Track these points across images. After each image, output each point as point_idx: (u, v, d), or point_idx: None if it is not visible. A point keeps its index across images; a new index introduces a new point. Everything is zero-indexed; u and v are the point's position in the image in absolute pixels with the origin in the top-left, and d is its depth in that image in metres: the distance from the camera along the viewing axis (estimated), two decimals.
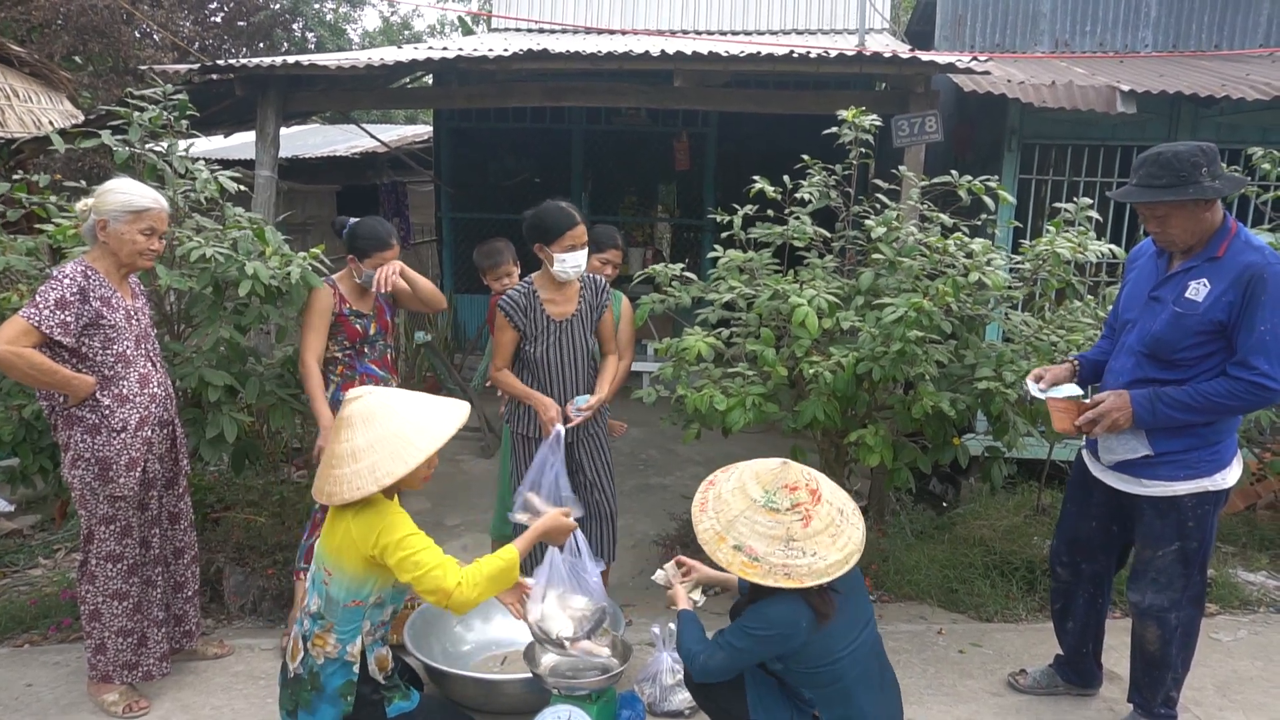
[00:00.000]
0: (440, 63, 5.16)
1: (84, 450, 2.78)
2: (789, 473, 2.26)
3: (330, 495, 2.33)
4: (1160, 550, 2.67)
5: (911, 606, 3.83)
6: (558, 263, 3.22)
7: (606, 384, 3.45)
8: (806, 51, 4.80)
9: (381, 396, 2.40)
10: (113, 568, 2.90)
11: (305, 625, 2.45)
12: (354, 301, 3.45)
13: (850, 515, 2.30)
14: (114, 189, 2.80)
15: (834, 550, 2.21)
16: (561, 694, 2.68)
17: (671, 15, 8.42)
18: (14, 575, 4.14)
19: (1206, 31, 7.15)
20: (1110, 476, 2.72)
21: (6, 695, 3.07)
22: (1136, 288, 2.70)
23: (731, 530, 2.24)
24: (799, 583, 2.16)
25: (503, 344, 3.36)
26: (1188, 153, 2.41)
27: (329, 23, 18.97)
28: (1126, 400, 2.52)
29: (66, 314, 2.68)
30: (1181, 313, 2.49)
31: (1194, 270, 2.52)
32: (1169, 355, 2.52)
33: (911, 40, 8.69)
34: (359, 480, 2.29)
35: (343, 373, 3.45)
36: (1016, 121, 5.59)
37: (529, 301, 3.32)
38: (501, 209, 8.45)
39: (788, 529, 2.20)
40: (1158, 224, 2.52)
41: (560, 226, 3.19)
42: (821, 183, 3.82)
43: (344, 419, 2.36)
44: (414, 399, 2.43)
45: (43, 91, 9.00)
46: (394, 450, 2.30)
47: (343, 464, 2.32)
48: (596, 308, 3.42)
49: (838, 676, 2.31)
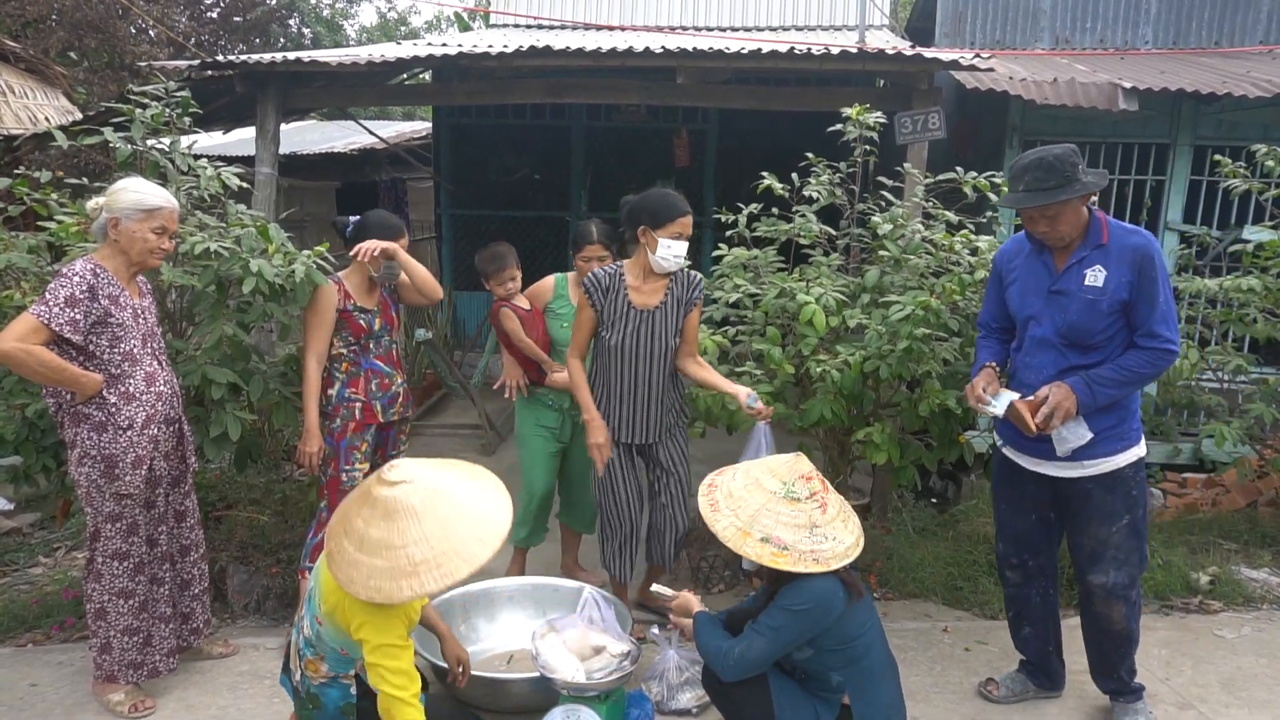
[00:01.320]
0: (441, 59, 5.13)
1: (90, 448, 2.77)
2: (802, 464, 2.40)
3: (350, 582, 2.04)
4: (1114, 526, 2.76)
5: (916, 604, 3.83)
6: (661, 248, 3.08)
7: (725, 383, 3.23)
8: (809, 48, 4.79)
9: (433, 495, 2.04)
10: (119, 566, 2.88)
11: (299, 640, 2.36)
12: (359, 298, 3.44)
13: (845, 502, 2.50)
14: (126, 188, 2.80)
15: (847, 533, 2.36)
16: (570, 694, 2.68)
17: (671, 11, 8.40)
18: (14, 574, 4.12)
19: (1206, 29, 7.15)
20: (1049, 467, 2.79)
21: (10, 695, 3.05)
22: (1028, 285, 2.81)
23: (755, 524, 2.34)
24: (826, 566, 2.29)
25: (581, 324, 3.24)
26: (1065, 154, 2.60)
27: (325, 18, 18.90)
28: (1069, 389, 2.64)
29: (76, 311, 2.67)
30: (1092, 299, 2.66)
31: (1086, 259, 2.70)
32: (1087, 340, 2.69)
33: (912, 37, 8.68)
34: (392, 589, 2.00)
35: (348, 369, 3.43)
36: (1018, 119, 5.60)
37: (613, 283, 3.19)
38: (501, 205, 8.43)
39: (810, 516, 2.32)
40: (1048, 224, 2.67)
41: (672, 211, 3.08)
42: (827, 180, 3.81)
43: (391, 509, 2.00)
44: (464, 498, 2.09)
45: (38, 87, 8.95)
46: (442, 568, 1.99)
47: (376, 555, 2.01)
48: (685, 302, 3.24)
49: (864, 653, 2.40)
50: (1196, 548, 4.26)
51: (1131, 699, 2.93)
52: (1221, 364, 4.40)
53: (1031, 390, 2.72)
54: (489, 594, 3.44)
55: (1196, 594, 3.88)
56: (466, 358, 7.44)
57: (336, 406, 3.41)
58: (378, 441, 3.54)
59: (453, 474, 2.17)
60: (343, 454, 3.41)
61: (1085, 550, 2.82)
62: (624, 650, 2.81)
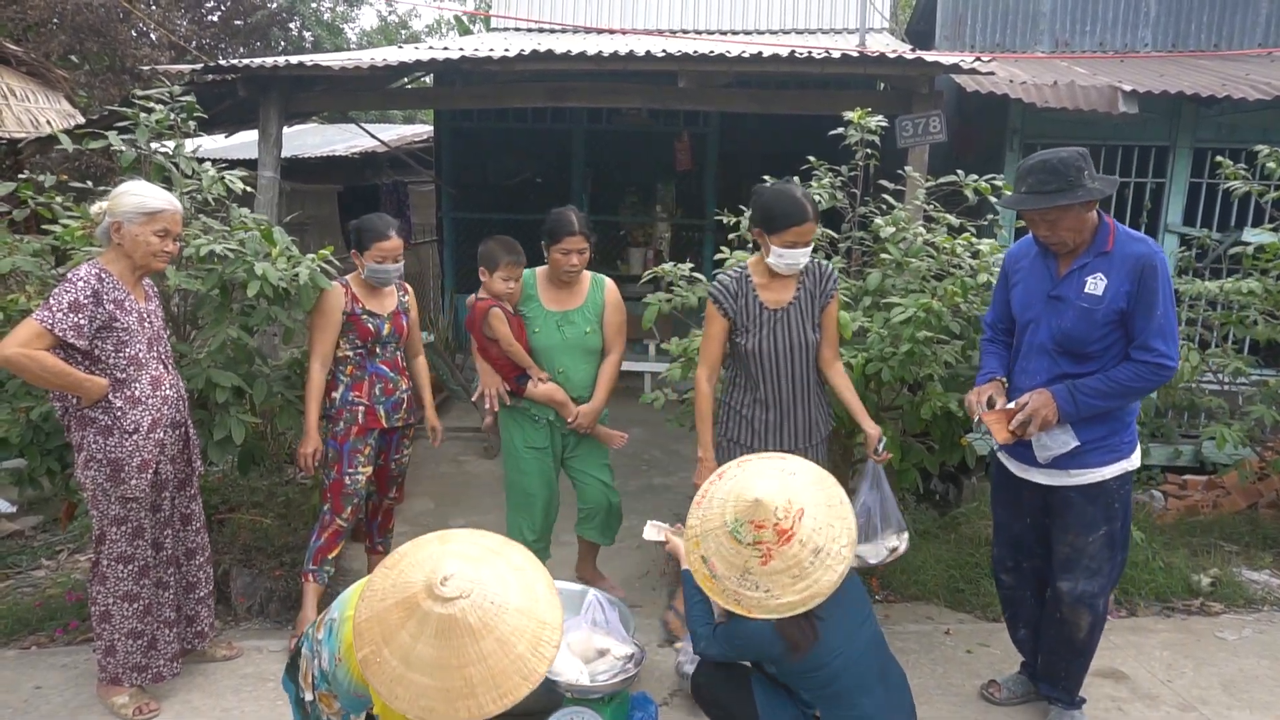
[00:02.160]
0: (443, 63, 5.15)
1: (96, 451, 2.78)
2: (759, 510, 2.18)
3: (394, 699, 1.80)
4: (1091, 536, 2.76)
5: (918, 606, 3.84)
6: (774, 255, 2.93)
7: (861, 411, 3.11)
8: (810, 52, 4.80)
9: (490, 611, 1.79)
10: (124, 569, 2.89)
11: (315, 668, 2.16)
12: (367, 301, 3.45)
13: (829, 556, 2.18)
14: (128, 190, 2.81)
15: (792, 591, 2.17)
16: (574, 696, 2.69)
17: (671, 14, 8.42)
18: (17, 577, 4.13)
19: (1205, 31, 7.17)
20: (1036, 474, 2.79)
21: (15, 698, 3.06)
22: (1030, 289, 2.78)
23: (705, 540, 2.30)
24: (747, 612, 2.21)
25: (712, 337, 3.05)
26: (1071, 158, 2.54)
27: (326, 22, 18.92)
28: (1049, 397, 2.61)
29: (79, 316, 2.67)
30: (1088, 308, 2.61)
31: (1088, 266, 2.64)
32: (1081, 349, 2.64)
33: (911, 40, 8.70)
34: (446, 711, 1.77)
35: (352, 372, 3.45)
36: (1018, 121, 5.61)
37: (740, 287, 3.04)
38: (502, 209, 8.44)
39: (745, 561, 2.20)
40: (1048, 228, 2.63)
41: (790, 217, 2.88)
42: (829, 184, 3.82)
43: (447, 628, 1.76)
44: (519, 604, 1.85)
45: (40, 91, 8.97)
46: (501, 688, 1.78)
47: (428, 674, 1.77)
48: (819, 296, 3.05)
49: (830, 680, 2.32)
50: (1197, 549, 4.27)
51: (1069, 706, 2.94)
52: (1222, 366, 4.41)
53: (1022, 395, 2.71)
54: None
55: (1198, 596, 3.89)
56: (468, 361, 7.45)
57: (340, 409, 3.42)
58: (381, 446, 3.55)
59: (501, 569, 1.91)
60: (346, 457, 3.41)
61: (1060, 556, 2.82)
62: (628, 653, 2.81)
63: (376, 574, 1.94)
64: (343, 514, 3.45)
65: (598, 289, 3.59)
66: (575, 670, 2.72)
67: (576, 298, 3.55)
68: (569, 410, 3.51)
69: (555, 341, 3.51)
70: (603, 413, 3.63)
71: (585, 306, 3.55)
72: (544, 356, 3.51)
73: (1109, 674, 3.28)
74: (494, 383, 3.54)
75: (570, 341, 3.52)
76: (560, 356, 3.52)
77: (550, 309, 3.53)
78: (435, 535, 1.99)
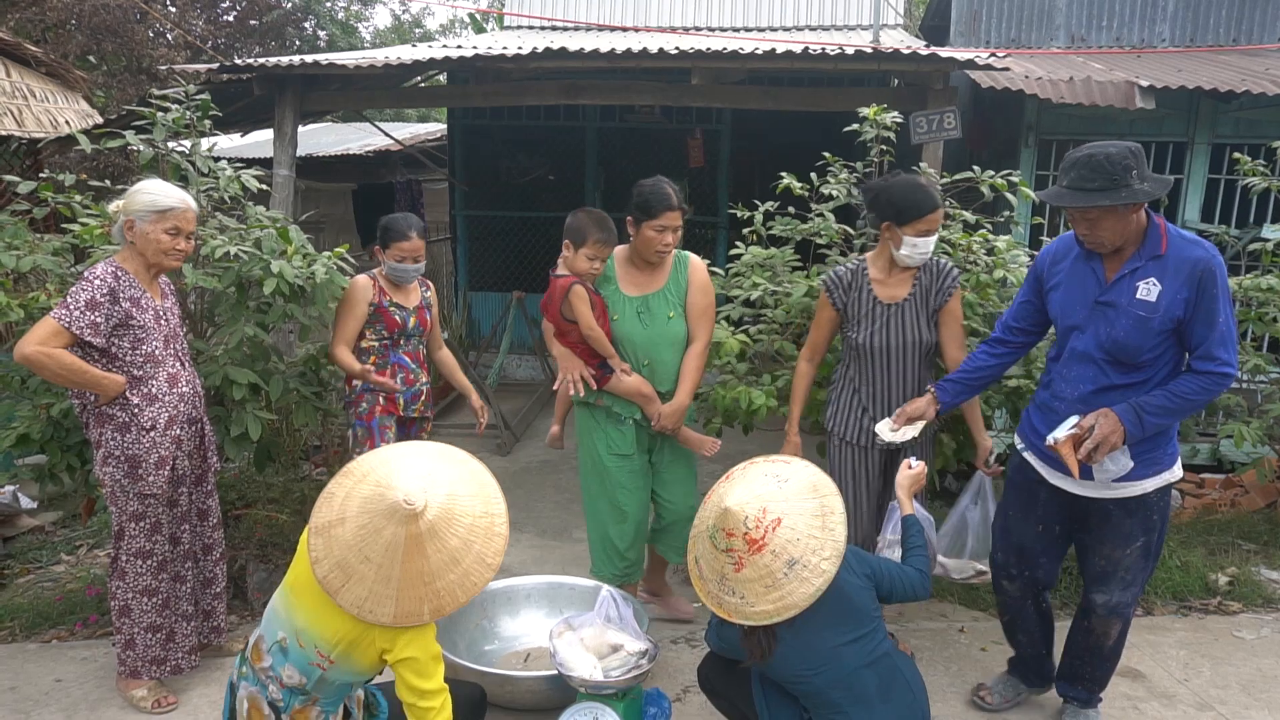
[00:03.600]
0: (457, 61, 5.16)
1: (114, 448, 2.81)
2: (727, 519, 2.17)
3: (414, 616, 2.01)
4: (1129, 549, 2.66)
5: (933, 604, 3.82)
6: (906, 246, 2.86)
7: (979, 421, 3.10)
8: (824, 48, 4.79)
9: (448, 502, 2.05)
10: (142, 564, 2.92)
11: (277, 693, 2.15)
12: (394, 294, 3.54)
13: (805, 568, 2.12)
14: (142, 189, 2.83)
15: (765, 600, 2.15)
16: (587, 692, 2.69)
17: (685, 12, 8.41)
18: (38, 571, 4.17)
19: (1224, 26, 7.10)
20: (1074, 484, 2.63)
21: (35, 690, 3.10)
22: (1073, 293, 2.60)
23: (697, 542, 2.34)
24: (727, 615, 2.22)
25: (818, 324, 3.04)
26: (1119, 155, 2.37)
27: (341, 21, 19.01)
28: (1116, 419, 2.44)
29: (96, 315, 2.70)
30: (1144, 315, 2.44)
31: (1139, 270, 2.48)
32: (1134, 359, 2.49)
33: (925, 36, 8.66)
34: (456, 592, 2.02)
35: (375, 362, 3.51)
36: (1033, 118, 5.58)
37: (855, 279, 2.98)
38: (515, 206, 8.46)
39: (722, 567, 2.21)
40: (1088, 226, 2.47)
41: (922, 206, 2.82)
42: (845, 180, 3.82)
43: (421, 534, 1.98)
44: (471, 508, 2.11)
45: (59, 91, 9.04)
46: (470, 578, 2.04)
47: (437, 578, 2.01)
48: (936, 293, 2.99)
49: (815, 693, 2.29)
50: (1215, 548, 4.24)
51: (1088, 705, 2.90)
52: (1240, 364, 4.36)
53: (1067, 403, 2.58)
54: (508, 592, 3.46)
55: (1215, 595, 3.86)
56: (481, 358, 7.47)
57: (360, 394, 3.51)
58: (400, 438, 3.58)
59: (452, 472, 2.16)
60: (377, 433, 3.52)
61: (1095, 568, 2.73)
62: (641, 648, 2.81)
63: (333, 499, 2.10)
64: None
65: (681, 268, 3.22)
66: (589, 666, 2.72)
67: (658, 280, 3.20)
68: (653, 408, 3.18)
69: (635, 330, 3.17)
70: (689, 412, 3.29)
71: (667, 289, 3.19)
72: (623, 348, 3.18)
73: (1126, 673, 3.26)
74: (577, 365, 3.18)
75: (652, 331, 3.17)
76: (642, 348, 3.18)
77: (629, 294, 3.19)
78: (385, 451, 2.22)
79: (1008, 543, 2.87)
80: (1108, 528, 2.66)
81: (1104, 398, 2.53)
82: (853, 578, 2.30)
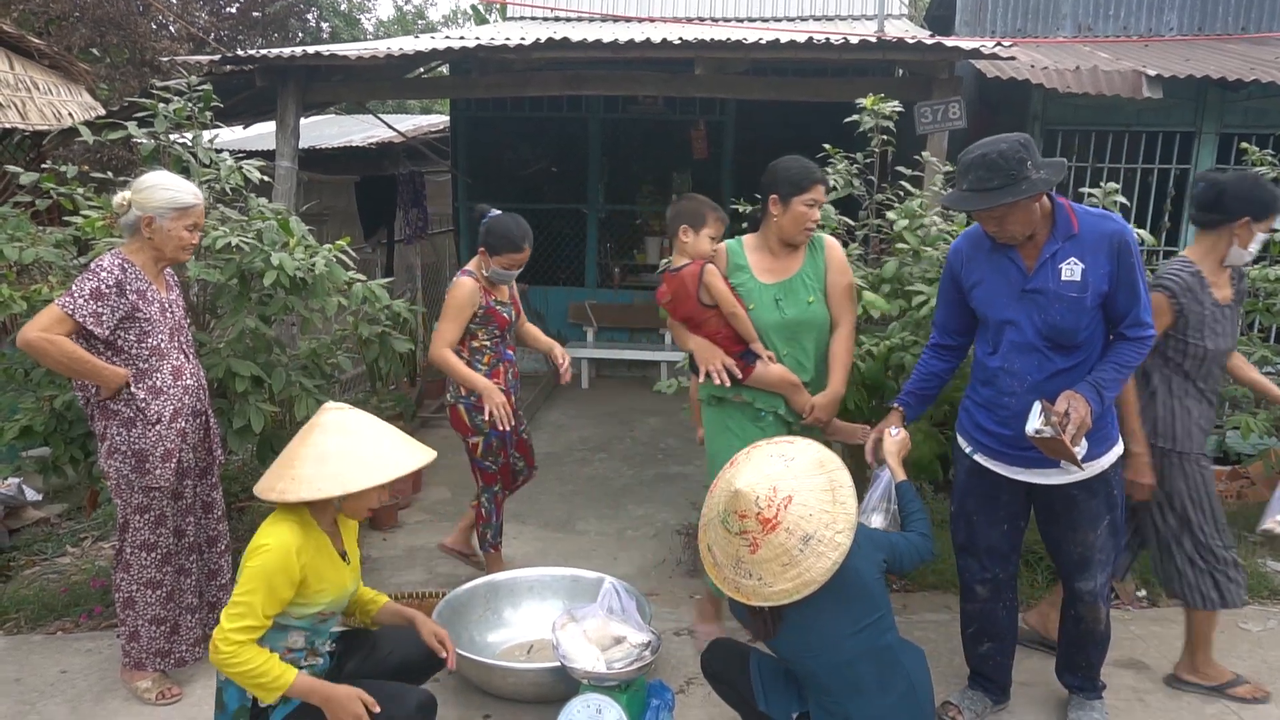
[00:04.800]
0: (460, 52, 5.14)
1: (120, 443, 2.81)
2: (739, 501, 2.18)
3: (282, 492, 2.22)
4: (1097, 530, 2.67)
5: (935, 596, 3.82)
6: (1255, 243, 2.81)
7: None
8: (828, 38, 4.76)
9: (351, 415, 2.35)
10: (147, 556, 2.93)
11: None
12: (497, 293, 3.66)
13: (820, 543, 2.14)
14: (158, 184, 2.81)
15: (783, 579, 2.15)
16: (590, 683, 2.69)
17: (688, 2, 8.38)
18: (43, 563, 4.19)
19: (1232, 14, 7.05)
20: (1034, 474, 2.62)
21: (41, 681, 3.11)
22: (997, 287, 2.58)
23: (708, 529, 2.32)
24: (746, 599, 2.21)
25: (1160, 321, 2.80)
26: (1011, 150, 2.37)
27: (343, 12, 18.98)
28: (1083, 398, 2.43)
29: (101, 305, 2.70)
30: (1076, 296, 2.47)
31: (1059, 253, 2.50)
32: (1072, 340, 2.52)
33: (931, 25, 8.61)
34: (320, 482, 2.20)
35: (490, 361, 3.64)
36: (1039, 107, 5.55)
37: (1198, 282, 2.84)
38: (518, 198, 8.45)
39: (736, 550, 2.20)
40: (996, 224, 2.48)
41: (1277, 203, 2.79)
42: (845, 171, 3.79)
43: (318, 425, 2.31)
44: (383, 429, 2.38)
45: (62, 84, 9.04)
46: (363, 463, 2.24)
47: (305, 465, 2.24)
48: (1240, 293, 2.95)
49: (809, 674, 2.31)
50: None
51: (1092, 695, 2.89)
52: (1247, 354, 4.34)
53: (1018, 396, 2.53)
54: (511, 583, 3.47)
55: None
56: None
57: (477, 402, 3.57)
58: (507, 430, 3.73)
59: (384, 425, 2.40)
60: (508, 440, 3.77)
61: (1074, 557, 2.71)
62: (644, 640, 2.81)
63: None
64: (504, 486, 3.87)
65: (817, 249, 3.04)
66: (592, 657, 2.73)
67: (794, 264, 3.01)
68: (803, 400, 2.96)
69: (774, 318, 2.97)
70: None
71: (804, 273, 3.01)
72: (762, 338, 2.98)
73: (1131, 664, 3.26)
74: (718, 355, 2.94)
75: (792, 319, 2.97)
76: (782, 336, 2.98)
77: (765, 281, 2.99)
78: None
79: (975, 547, 2.81)
80: (1075, 513, 2.66)
81: (1054, 383, 2.53)
82: (861, 559, 2.28)
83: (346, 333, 4.04)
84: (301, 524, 2.27)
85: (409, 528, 4.70)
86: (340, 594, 2.37)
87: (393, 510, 4.71)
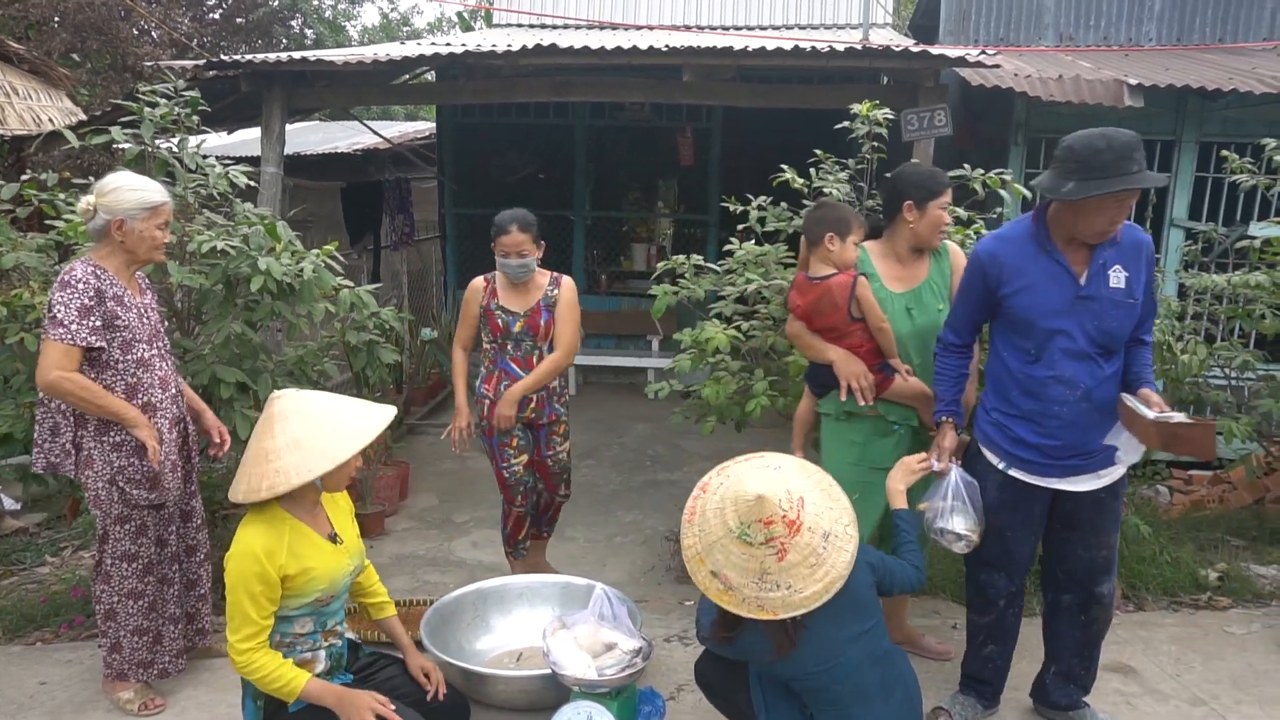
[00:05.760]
0: (447, 58, 5.13)
1: (134, 472, 2.83)
2: (763, 507, 2.13)
3: (272, 487, 2.18)
4: (1113, 535, 2.70)
5: (926, 601, 3.82)
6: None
7: None
8: (815, 45, 4.79)
9: (304, 395, 2.32)
10: (128, 567, 2.88)
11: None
12: (504, 296, 3.56)
13: (838, 538, 2.16)
14: (122, 185, 2.75)
15: (812, 581, 2.13)
16: (581, 690, 2.68)
17: (675, 9, 8.40)
18: (21, 573, 4.12)
19: (1210, 25, 7.15)
20: (1073, 482, 2.60)
21: (20, 693, 3.05)
22: (1048, 294, 2.50)
23: (710, 555, 2.20)
24: (773, 615, 2.15)
25: None
26: (1131, 136, 2.40)
27: (328, 19, 18.91)
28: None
29: (93, 319, 2.68)
30: (1130, 303, 2.51)
31: (1107, 260, 2.50)
32: (1119, 346, 2.56)
33: (915, 34, 8.68)
34: (309, 463, 2.18)
35: (488, 365, 3.61)
36: (1023, 115, 5.60)
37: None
38: (505, 204, 8.38)
39: (761, 563, 2.14)
40: (1120, 213, 2.42)
41: None
42: (837, 177, 3.81)
43: (277, 414, 2.25)
44: (338, 399, 2.36)
45: (42, 89, 8.95)
46: (339, 432, 2.23)
47: (283, 455, 2.19)
48: None
49: (820, 689, 2.28)
50: (1204, 544, 4.26)
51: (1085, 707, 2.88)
52: (1229, 360, 4.39)
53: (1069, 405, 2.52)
54: (501, 590, 3.44)
55: (1205, 590, 3.87)
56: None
57: (479, 399, 3.60)
58: (533, 440, 3.68)
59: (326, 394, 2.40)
60: (496, 451, 3.61)
61: (1097, 560, 2.69)
62: (635, 647, 2.80)
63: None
64: (515, 502, 3.68)
65: (941, 254, 2.97)
66: (583, 664, 2.71)
67: (921, 271, 2.94)
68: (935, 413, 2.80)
69: (907, 329, 2.89)
70: None
71: (931, 280, 2.93)
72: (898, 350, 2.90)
73: (1118, 669, 3.27)
74: (863, 368, 2.85)
75: (924, 327, 2.88)
76: (914, 345, 2.90)
77: (895, 290, 2.91)
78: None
79: (1009, 561, 2.75)
80: (1102, 516, 2.67)
81: (1102, 389, 2.54)
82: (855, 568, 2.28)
83: (334, 339, 4.01)
84: (268, 523, 2.25)
85: (396, 535, 4.66)
86: (336, 576, 2.35)
87: (379, 518, 4.67)
